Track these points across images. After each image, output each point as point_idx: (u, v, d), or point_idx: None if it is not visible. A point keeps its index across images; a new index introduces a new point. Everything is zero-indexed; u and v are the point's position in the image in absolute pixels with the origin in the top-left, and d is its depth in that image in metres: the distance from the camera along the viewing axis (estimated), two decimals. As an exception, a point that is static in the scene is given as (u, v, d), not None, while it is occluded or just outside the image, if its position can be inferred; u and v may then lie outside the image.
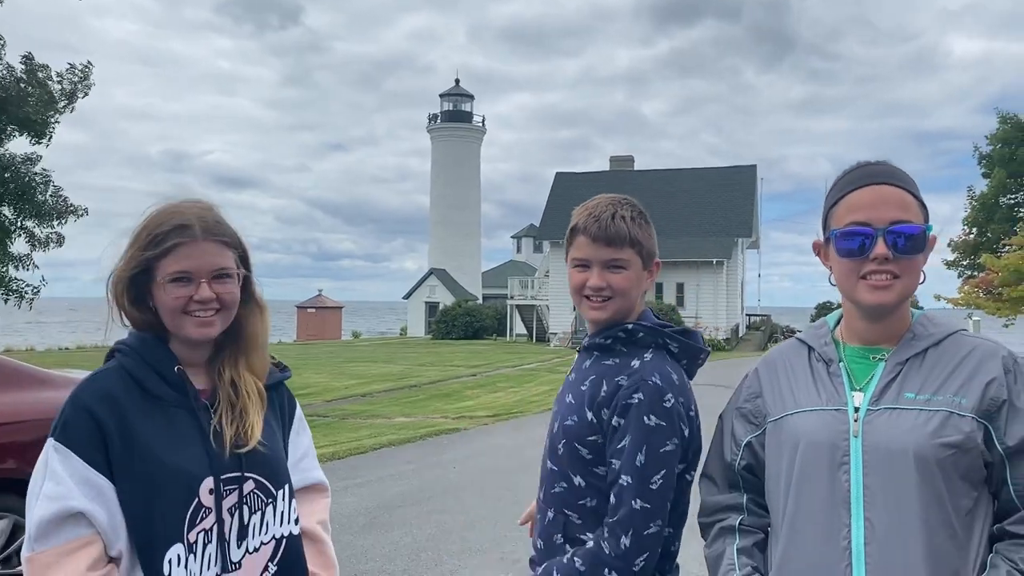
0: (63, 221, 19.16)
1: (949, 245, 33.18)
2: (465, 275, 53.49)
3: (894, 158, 1.67)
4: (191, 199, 1.73)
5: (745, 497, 1.75)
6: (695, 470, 1.89)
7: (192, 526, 1.59)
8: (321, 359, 27.59)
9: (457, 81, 57.75)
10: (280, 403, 1.85)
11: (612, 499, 1.80)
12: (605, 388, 1.84)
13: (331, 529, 1.96)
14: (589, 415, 1.85)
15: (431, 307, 50.59)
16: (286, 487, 1.75)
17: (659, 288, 39.15)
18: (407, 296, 53.65)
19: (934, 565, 1.46)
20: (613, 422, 1.81)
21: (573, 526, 1.87)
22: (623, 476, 1.78)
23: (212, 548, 1.61)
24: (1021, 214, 31.14)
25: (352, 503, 7.42)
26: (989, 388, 1.50)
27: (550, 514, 1.91)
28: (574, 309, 39.62)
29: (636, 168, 48.06)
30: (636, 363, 1.84)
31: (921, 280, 1.61)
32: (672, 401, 1.78)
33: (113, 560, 1.56)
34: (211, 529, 1.61)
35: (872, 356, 1.61)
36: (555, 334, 40.15)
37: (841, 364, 1.64)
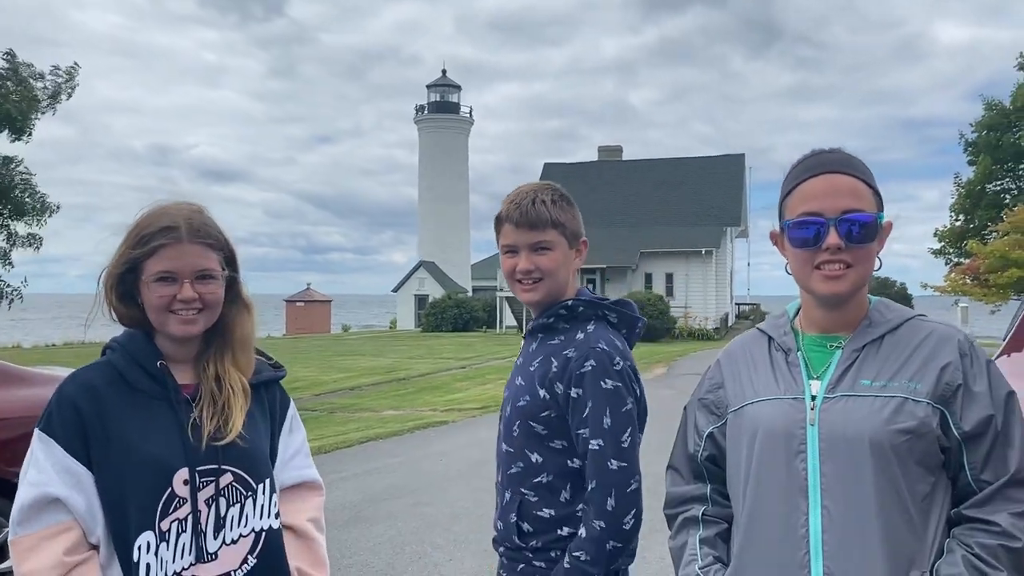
0: (42, 221, 19.04)
1: (935, 234, 33.32)
2: (454, 267, 53.42)
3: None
4: (182, 201, 1.80)
5: (709, 487, 1.75)
6: (641, 433, 2.00)
7: (165, 515, 1.64)
8: (310, 353, 27.51)
9: (444, 72, 57.56)
10: (272, 401, 1.90)
11: (589, 466, 1.88)
12: (555, 364, 1.96)
13: (324, 526, 1.97)
14: (541, 392, 1.95)
15: (420, 300, 50.52)
16: (267, 481, 1.79)
17: (648, 278, 39.23)
18: (396, 289, 53.56)
19: (891, 551, 1.46)
20: (573, 394, 1.91)
21: (528, 504, 1.97)
22: (594, 441, 1.88)
23: (187, 538, 1.66)
24: (1007, 201, 31.27)
25: (337, 497, 7.38)
26: (944, 373, 1.51)
27: (507, 495, 2.01)
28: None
29: (624, 158, 48.01)
30: (580, 335, 1.97)
31: (877, 267, 1.62)
32: (621, 364, 1.92)
33: (94, 547, 1.63)
34: (185, 519, 1.66)
35: (829, 344, 1.62)
36: (545, 325, 40.16)
37: (799, 353, 1.65)
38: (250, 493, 1.75)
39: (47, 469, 1.60)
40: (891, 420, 1.48)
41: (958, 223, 33.04)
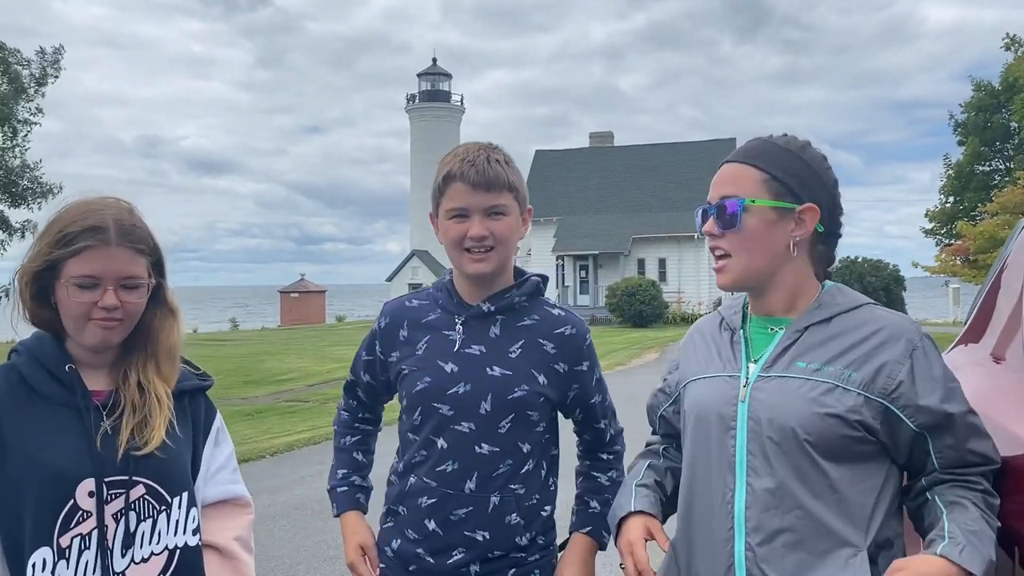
0: (40, 204, 19.01)
1: (927, 215, 33.43)
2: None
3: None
4: (110, 197, 1.66)
5: (673, 441, 1.86)
6: None
7: (65, 529, 1.51)
8: (304, 343, 27.53)
9: (434, 60, 57.35)
10: (196, 411, 1.77)
11: (611, 423, 2.05)
12: (550, 344, 1.89)
13: (254, 546, 1.83)
14: (541, 378, 1.86)
15: (414, 289, 50.36)
16: (184, 495, 1.65)
17: (641, 264, 39.29)
18: (390, 278, 53.52)
19: (814, 532, 1.46)
20: (581, 367, 1.94)
21: (520, 497, 1.87)
22: (608, 397, 2.05)
23: (90, 555, 1.53)
24: (996, 181, 31.36)
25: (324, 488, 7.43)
26: (886, 367, 1.48)
27: (495, 499, 1.84)
28: (557, 287, 39.89)
29: (616, 144, 47.96)
30: (556, 312, 1.96)
31: (793, 253, 1.57)
32: None
33: None
34: (89, 534, 1.53)
35: (770, 328, 1.62)
36: (538, 312, 40.21)
37: (742, 332, 1.66)
38: (164, 507, 1.61)
39: None
40: (817, 403, 1.47)
41: (948, 204, 33.13)
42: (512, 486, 1.86)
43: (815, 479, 1.47)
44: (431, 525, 1.86)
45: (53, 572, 1.50)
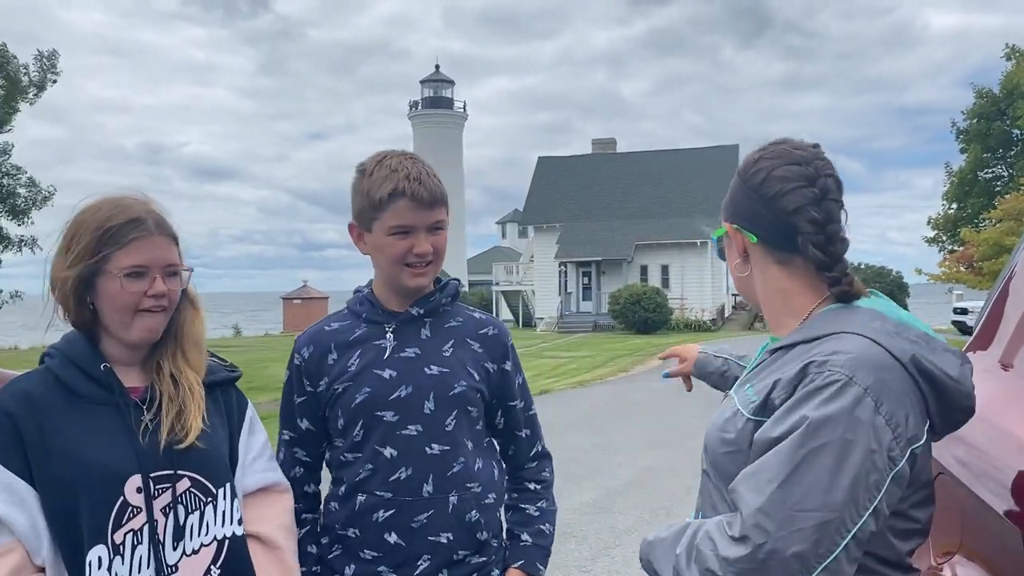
0: (38, 209, 19.10)
1: (929, 222, 33.43)
2: (450, 262, 53.16)
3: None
4: (129, 193, 1.70)
5: None
6: None
7: (118, 526, 1.54)
8: (307, 350, 27.46)
9: (437, 67, 57.48)
10: (228, 402, 1.79)
11: (531, 434, 2.04)
12: (476, 344, 1.93)
13: (296, 528, 1.85)
14: (475, 374, 1.90)
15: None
16: (227, 486, 1.68)
17: (644, 270, 39.29)
18: (392, 284, 53.45)
19: None
20: (506, 367, 1.97)
21: (477, 495, 1.87)
22: (532, 408, 2.06)
23: (143, 549, 1.55)
24: (998, 188, 31.34)
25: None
26: (775, 388, 1.31)
27: (453, 499, 1.83)
28: (560, 293, 39.91)
29: (619, 150, 48.02)
30: (478, 315, 2.00)
31: (744, 273, 1.55)
32: None
33: (41, 569, 1.51)
34: (141, 530, 1.55)
35: (763, 350, 1.56)
36: (541, 319, 40.23)
37: (760, 350, 1.61)
38: (210, 499, 1.64)
39: None
40: (718, 427, 1.43)
41: (951, 211, 33.13)
42: (468, 484, 1.86)
43: (725, 508, 1.37)
44: (392, 538, 1.82)
45: (110, 569, 1.52)
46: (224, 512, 1.66)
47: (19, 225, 19.01)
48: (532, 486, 2.02)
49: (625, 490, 7.33)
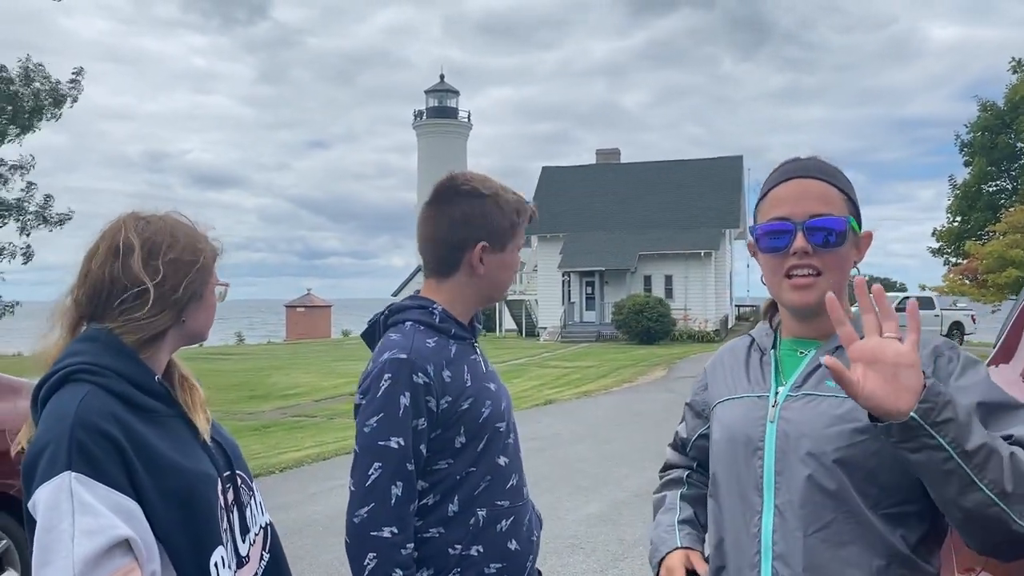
0: (50, 228, 19.22)
1: (933, 234, 33.42)
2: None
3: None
4: (183, 215, 1.74)
5: (696, 463, 1.85)
6: None
7: (221, 527, 1.62)
8: (310, 358, 27.53)
9: (442, 77, 57.65)
10: None
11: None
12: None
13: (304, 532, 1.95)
14: None
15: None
16: (254, 479, 1.81)
17: (647, 281, 39.27)
18: (396, 293, 53.56)
19: (841, 554, 1.42)
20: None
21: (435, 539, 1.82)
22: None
23: (231, 546, 1.65)
24: (1003, 201, 31.35)
25: (338, 503, 7.40)
26: None
27: (531, 499, 2.00)
28: (563, 303, 39.86)
29: (622, 161, 48.08)
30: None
31: (857, 274, 1.56)
32: None
33: None
34: (226, 528, 1.65)
35: (799, 351, 1.60)
36: (544, 328, 40.19)
37: (773, 352, 1.64)
38: (251, 492, 1.76)
39: (103, 512, 1.42)
40: (844, 419, 1.43)
41: (955, 224, 33.12)
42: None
43: (844, 500, 1.43)
44: (513, 545, 1.85)
45: (229, 567, 1.60)
46: (261, 503, 1.80)
47: (26, 236, 19.16)
48: None
49: (632, 501, 7.31)
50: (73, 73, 18.84)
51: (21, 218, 18.69)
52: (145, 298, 1.58)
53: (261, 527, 1.78)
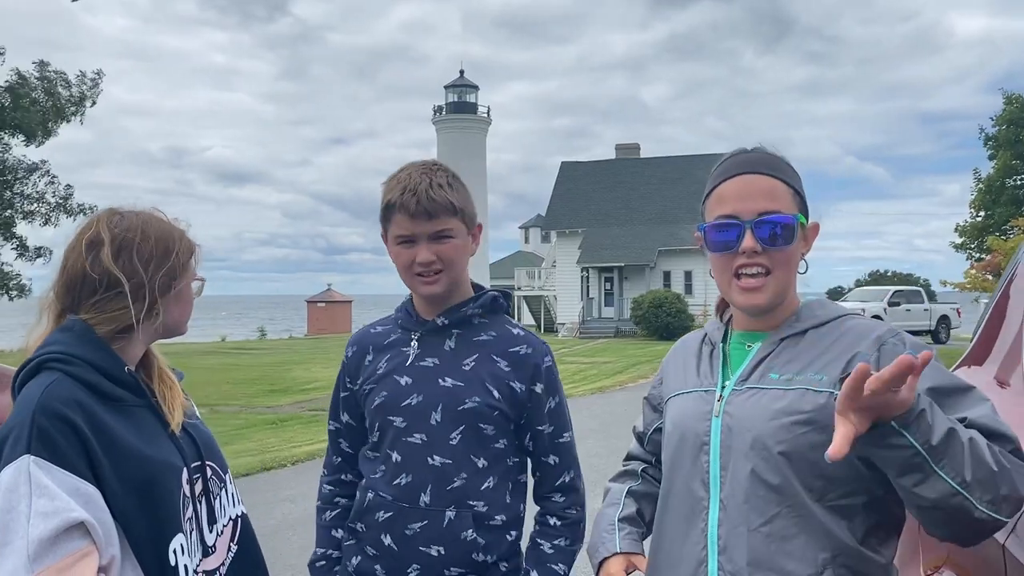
0: (73, 219, 19.43)
1: (956, 229, 33.00)
2: (472, 267, 52.18)
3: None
4: (163, 213, 1.78)
5: (654, 458, 1.83)
6: None
7: (183, 516, 1.65)
8: (330, 353, 27.69)
9: (462, 72, 57.62)
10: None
11: (563, 459, 1.96)
12: (507, 363, 1.90)
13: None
14: (495, 392, 1.87)
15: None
16: (228, 471, 1.82)
17: (667, 276, 39.14)
18: (416, 288, 53.60)
19: (786, 548, 1.42)
20: (536, 388, 1.92)
21: (480, 515, 1.87)
22: (565, 434, 1.98)
23: (195, 535, 1.68)
24: (1027, 195, 30.89)
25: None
26: (852, 361, 1.44)
27: (450, 514, 1.85)
28: (582, 299, 39.82)
29: (642, 156, 47.89)
30: (517, 331, 1.97)
31: (803, 271, 1.59)
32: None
33: (103, 568, 1.52)
34: (191, 517, 1.67)
35: (747, 344, 1.60)
36: (563, 324, 40.19)
37: (722, 346, 1.64)
38: (223, 483, 1.78)
39: (60, 495, 1.47)
40: (786, 412, 1.44)
41: (978, 219, 32.69)
42: (471, 502, 1.86)
43: (789, 493, 1.43)
44: (387, 540, 1.87)
45: (188, 554, 1.62)
46: (233, 494, 1.82)
47: (52, 227, 19.44)
48: (553, 521, 1.96)
49: (640, 497, 7.33)
50: (94, 73, 19.08)
51: (42, 211, 18.96)
52: (115, 291, 1.64)
53: (231, 518, 1.79)
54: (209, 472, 1.74)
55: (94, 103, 19.32)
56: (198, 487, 1.70)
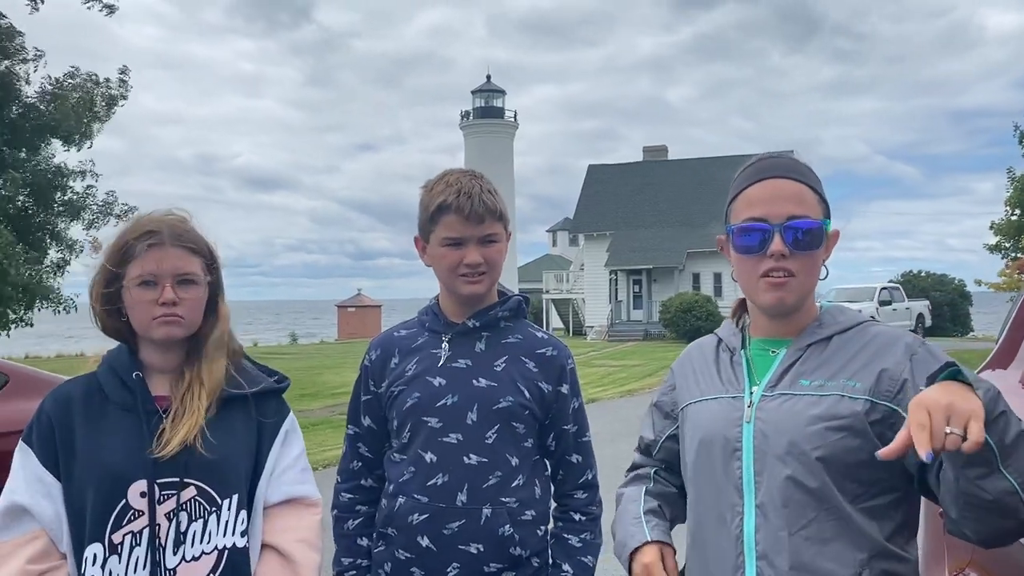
0: (116, 223, 19.73)
1: (991, 228, 32.48)
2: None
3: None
4: (166, 209, 1.82)
5: (664, 465, 1.83)
6: None
7: (117, 527, 1.64)
8: (360, 357, 27.86)
9: (489, 77, 57.74)
10: (263, 413, 1.82)
11: (585, 458, 2.05)
12: (535, 364, 1.97)
13: (321, 544, 1.83)
14: (525, 392, 1.94)
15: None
16: (235, 497, 1.72)
17: (696, 279, 38.90)
18: (444, 293, 53.71)
19: (826, 550, 1.44)
20: (563, 390, 2.00)
21: (513, 511, 1.92)
22: (587, 433, 2.07)
23: (141, 551, 1.64)
24: (1065, 194, 30.29)
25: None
26: (886, 371, 1.48)
27: (487, 511, 1.89)
28: (610, 301, 39.68)
29: (670, 157, 47.66)
30: (541, 334, 2.05)
31: (823, 276, 1.60)
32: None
33: (65, 556, 1.66)
34: (140, 532, 1.64)
35: (771, 350, 1.61)
36: (591, 327, 40.10)
37: (743, 352, 1.65)
38: (214, 508, 1.69)
39: (19, 479, 1.65)
40: (823, 418, 1.45)
41: (1013, 217, 32.13)
42: (503, 499, 1.91)
43: (824, 499, 1.44)
44: (424, 542, 1.89)
45: (103, 566, 1.63)
46: (228, 522, 1.71)
47: (95, 230, 19.69)
48: (578, 517, 2.03)
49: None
50: (119, 73, 19.33)
51: (85, 215, 19.27)
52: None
53: (217, 548, 1.69)
54: (193, 493, 1.68)
55: (125, 98, 19.57)
56: (168, 504, 1.66)
